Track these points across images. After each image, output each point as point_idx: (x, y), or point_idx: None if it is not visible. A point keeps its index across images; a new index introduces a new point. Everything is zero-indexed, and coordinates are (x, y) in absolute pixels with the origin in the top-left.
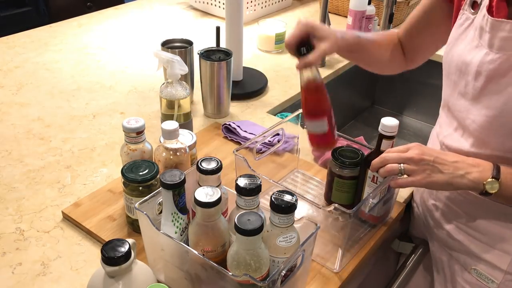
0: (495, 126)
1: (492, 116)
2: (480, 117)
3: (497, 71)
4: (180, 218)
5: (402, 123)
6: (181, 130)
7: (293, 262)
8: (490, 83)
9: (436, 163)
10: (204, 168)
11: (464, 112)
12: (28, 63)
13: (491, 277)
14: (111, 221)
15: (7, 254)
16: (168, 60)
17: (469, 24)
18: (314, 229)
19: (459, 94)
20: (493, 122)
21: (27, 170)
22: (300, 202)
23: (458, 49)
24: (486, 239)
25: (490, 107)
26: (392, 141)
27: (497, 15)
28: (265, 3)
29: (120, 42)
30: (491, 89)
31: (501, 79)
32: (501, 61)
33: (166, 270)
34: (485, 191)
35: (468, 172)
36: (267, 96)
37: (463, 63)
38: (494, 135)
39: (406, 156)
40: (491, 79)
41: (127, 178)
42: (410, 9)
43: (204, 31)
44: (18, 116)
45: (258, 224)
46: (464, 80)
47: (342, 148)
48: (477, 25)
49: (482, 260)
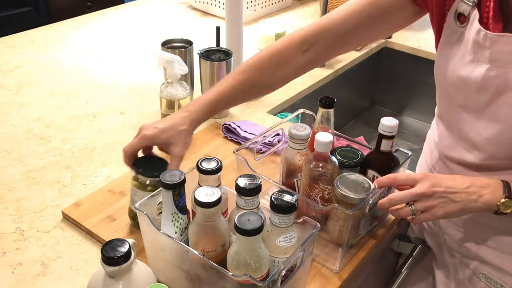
0: (505, 138)
1: (501, 129)
2: (487, 130)
3: (504, 84)
4: (180, 218)
5: (402, 123)
6: None
7: (293, 262)
8: (499, 97)
9: (447, 193)
10: (204, 168)
11: (467, 124)
12: (28, 63)
13: (500, 282)
14: (111, 221)
15: (7, 254)
16: (168, 60)
17: (458, 38)
18: (314, 229)
19: (458, 106)
20: (503, 134)
21: (27, 170)
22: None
23: (451, 64)
24: (494, 244)
25: (499, 120)
26: (392, 141)
27: (494, 28)
28: (265, 3)
29: (120, 42)
30: (500, 102)
31: (507, 91)
32: (508, 74)
33: (166, 270)
34: (499, 211)
35: (481, 195)
36: (267, 96)
37: (458, 78)
38: (504, 147)
39: (417, 192)
40: (499, 93)
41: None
42: None
43: (204, 31)
44: (18, 116)
45: (258, 224)
46: (463, 94)
47: (342, 148)
48: (469, 39)
49: (491, 265)
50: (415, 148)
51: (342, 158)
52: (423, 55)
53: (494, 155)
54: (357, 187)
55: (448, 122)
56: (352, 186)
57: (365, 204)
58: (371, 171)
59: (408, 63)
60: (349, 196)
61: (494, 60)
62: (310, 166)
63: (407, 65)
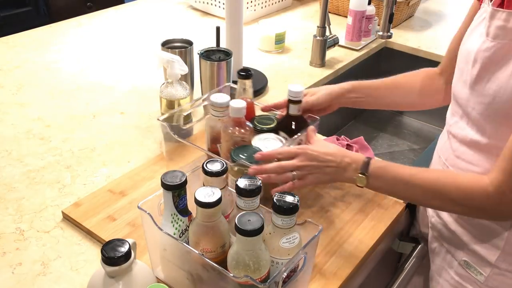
0: (490, 113)
1: (487, 103)
2: (478, 105)
3: (491, 59)
4: (180, 220)
5: (402, 123)
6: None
7: (295, 264)
8: (484, 71)
9: (320, 167)
10: (209, 169)
11: (465, 99)
12: (28, 63)
13: (479, 270)
14: (111, 221)
15: (7, 254)
16: (168, 60)
17: (480, 14)
18: (316, 231)
19: (462, 82)
20: (488, 108)
21: (27, 170)
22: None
23: (470, 39)
24: (477, 232)
25: (484, 94)
26: (299, 105)
27: (495, 2)
28: (265, 3)
29: (120, 42)
30: (485, 76)
31: (493, 66)
32: (495, 49)
33: (168, 270)
34: (357, 185)
35: (346, 170)
36: (267, 96)
37: (466, 50)
38: (490, 122)
39: (295, 164)
40: (485, 66)
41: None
42: (410, 9)
43: (204, 31)
44: (18, 116)
45: (258, 224)
46: (466, 68)
47: (260, 116)
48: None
49: (472, 252)
50: (415, 148)
51: (258, 124)
52: (423, 55)
53: (486, 131)
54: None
55: (454, 98)
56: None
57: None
58: (282, 133)
59: (408, 63)
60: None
61: (488, 34)
62: (228, 131)
63: (407, 65)
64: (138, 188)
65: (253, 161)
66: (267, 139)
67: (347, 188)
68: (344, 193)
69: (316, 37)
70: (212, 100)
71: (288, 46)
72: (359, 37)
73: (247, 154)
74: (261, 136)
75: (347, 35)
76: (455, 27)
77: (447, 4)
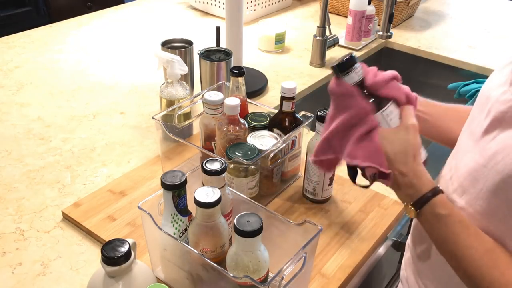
0: (480, 175)
1: (481, 164)
2: (470, 162)
3: (505, 114)
4: (180, 220)
5: None
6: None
7: (294, 264)
8: (492, 127)
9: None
10: (208, 169)
11: (462, 153)
12: (28, 63)
13: None
14: (111, 221)
15: (7, 254)
16: (168, 60)
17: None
18: (316, 231)
19: (469, 132)
20: (479, 170)
21: (27, 170)
22: None
23: (493, 81)
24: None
25: (482, 153)
26: (292, 102)
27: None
28: (265, 3)
29: (120, 42)
30: (491, 133)
31: (502, 124)
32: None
33: (168, 270)
34: (406, 212)
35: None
36: (267, 96)
37: (484, 95)
38: (474, 186)
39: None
40: (495, 122)
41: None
42: (410, 9)
43: (204, 31)
44: (18, 116)
45: (257, 225)
46: (479, 117)
47: (253, 113)
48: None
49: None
50: None
51: (252, 121)
52: (423, 55)
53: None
54: (262, 141)
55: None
56: (259, 142)
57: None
58: (276, 129)
59: (408, 63)
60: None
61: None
62: (222, 129)
63: (407, 65)
64: (138, 188)
65: (249, 158)
66: (262, 136)
67: (347, 188)
68: (344, 193)
69: (316, 37)
70: (206, 98)
71: (288, 46)
72: (359, 37)
73: (243, 151)
74: (256, 133)
75: (347, 35)
76: (455, 27)
77: (447, 4)
